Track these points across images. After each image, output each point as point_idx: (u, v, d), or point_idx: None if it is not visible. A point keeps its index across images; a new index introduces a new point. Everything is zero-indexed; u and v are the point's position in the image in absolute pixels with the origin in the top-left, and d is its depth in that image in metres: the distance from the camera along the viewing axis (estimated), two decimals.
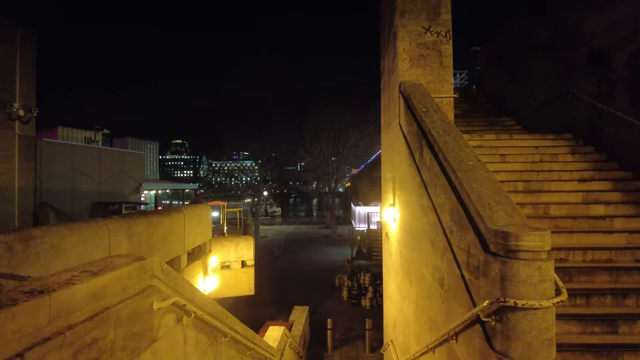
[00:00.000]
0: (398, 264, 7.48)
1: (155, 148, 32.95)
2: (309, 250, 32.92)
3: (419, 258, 5.50)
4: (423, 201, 5.18)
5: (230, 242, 11.22)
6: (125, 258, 2.53)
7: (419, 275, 5.45)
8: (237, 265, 11.19)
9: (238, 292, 11.29)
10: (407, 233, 6.40)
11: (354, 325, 16.00)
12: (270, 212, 65.38)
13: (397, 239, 7.41)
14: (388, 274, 9.10)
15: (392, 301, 8.51)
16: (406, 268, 6.54)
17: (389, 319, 8.91)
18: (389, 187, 8.60)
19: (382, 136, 9.95)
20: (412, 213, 5.99)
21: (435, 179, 4.59)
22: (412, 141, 6.02)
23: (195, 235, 6.81)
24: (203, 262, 7.31)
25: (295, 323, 12.45)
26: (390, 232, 8.36)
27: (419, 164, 5.47)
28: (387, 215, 8.24)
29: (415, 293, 5.78)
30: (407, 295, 6.52)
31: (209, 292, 7.62)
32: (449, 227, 4.02)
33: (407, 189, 6.41)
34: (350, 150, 40.59)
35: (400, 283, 7.26)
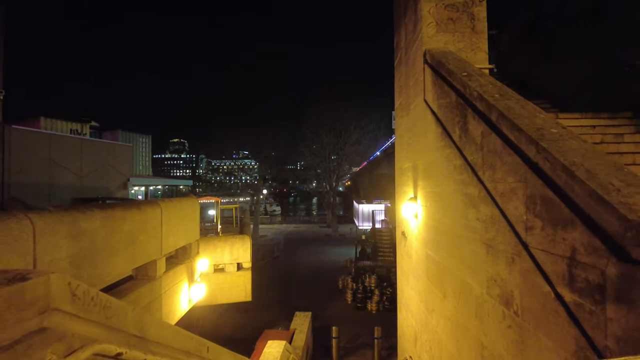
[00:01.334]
0: (421, 269, 6.26)
1: (148, 142, 31.61)
2: (309, 250, 31.71)
3: (459, 264, 4.27)
4: (469, 190, 3.96)
5: (225, 242, 10.02)
6: None
7: (461, 286, 4.23)
8: (232, 268, 10.01)
9: (233, 299, 10.11)
10: (438, 232, 5.18)
11: (360, 332, 14.78)
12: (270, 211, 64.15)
13: (421, 239, 6.19)
14: (405, 279, 7.88)
15: (411, 311, 7.29)
16: (436, 275, 5.32)
17: (407, 331, 7.69)
18: (408, 178, 7.38)
19: (398, 121, 8.72)
20: (447, 206, 4.77)
21: (493, 158, 3.37)
22: (446, 117, 4.79)
23: (177, 234, 5.62)
24: (188, 266, 6.10)
25: (297, 332, 11.24)
26: (410, 230, 7.14)
27: (460, 143, 4.25)
28: (406, 211, 7.02)
29: (452, 308, 4.56)
30: (436, 308, 5.30)
31: (195, 302, 6.42)
32: (523, 223, 2.79)
33: (437, 177, 5.19)
34: (352, 147, 39.33)
35: (425, 292, 6.04)
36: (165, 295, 4.98)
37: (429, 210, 5.71)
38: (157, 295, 4.79)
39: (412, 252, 7.11)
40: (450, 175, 4.59)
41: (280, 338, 10.67)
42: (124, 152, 16.73)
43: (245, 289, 10.10)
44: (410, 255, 7.27)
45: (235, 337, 14.50)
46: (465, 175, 4.09)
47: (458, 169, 4.32)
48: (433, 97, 5.46)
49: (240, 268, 10.30)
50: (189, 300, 6.10)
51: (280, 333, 10.98)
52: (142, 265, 4.67)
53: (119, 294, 4.21)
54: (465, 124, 4.09)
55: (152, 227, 4.85)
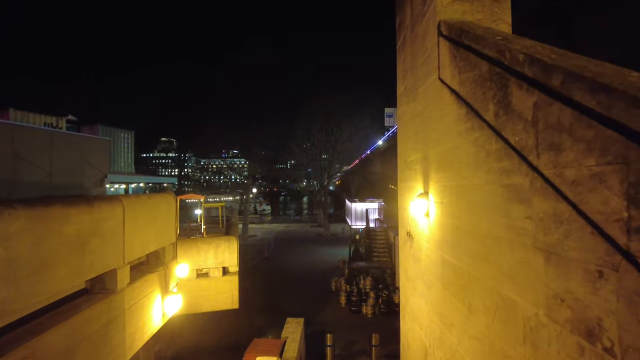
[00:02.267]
0: (434, 275, 5.42)
1: (130, 138, 30.26)
2: (300, 250, 30.83)
3: (494, 274, 3.42)
4: (512, 180, 3.11)
5: (209, 244, 9.07)
6: None
7: (497, 301, 3.38)
8: (217, 273, 9.08)
9: (218, 306, 9.18)
10: (460, 233, 4.32)
11: (356, 338, 13.95)
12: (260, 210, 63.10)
13: (435, 241, 5.34)
14: (411, 285, 7.04)
15: (418, 322, 6.45)
16: (456, 284, 4.47)
17: (413, 343, 6.85)
18: (415, 172, 6.53)
19: (401, 110, 7.86)
20: (474, 202, 3.92)
21: (555, 135, 2.52)
22: (473, 93, 3.94)
23: (146, 237, 4.68)
24: (162, 274, 5.16)
25: (289, 340, 10.33)
26: (418, 231, 6.29)
27: (497, 122, 3.39)
28: (415, 209, 6.17)
29: (482, 326, 3.71)
30: (457, 323, 4.45)
31: (172, 315, 5.48)
32: (623, 222, 1.94)
33: (460, 168, 4.33)
34: (343, 144, 38.52)
35: (439, 302, 5.19)
36: (130, 312, 4.06)
37: (446, 207, 4.85)
38: (117, 313, 3.86)
39: (420, 255, 6.26)
40: (481, 164, 3.73)
41: (270, 349, 9.76)
42: (101, 146, 15.52)
43: (231, 295, 9.17)
44: (418, 258, 6.42)
45: (222, 344, 13.55)
46: (505, 162, 3.23)
47: (493, 155, 3.46)
48: (452, 73, 4.61)
49: (227, 272, 9.37)
50: (163, 314, 5.17)
51: (270, 343, 10.07)
52: (97, 276, 3.73)
53: (60, 315, 3.26)
54: (505, 97, 3.24)
55: (109, 229, 3.89)
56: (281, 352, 9.74)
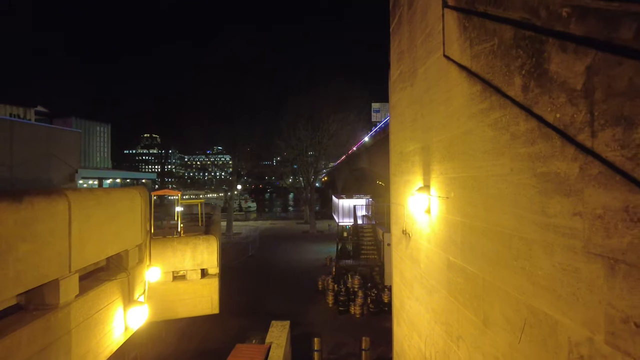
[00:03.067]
0: (437, 279, 4.81)
1: (107, 132, 28.88)
2: (286, 247, 30.13)
3: (524, 283, 2.81)
4: (549, 166, 2.49)
5: (186, 244, 8.30)
6: None
7: (526, 317, 2.77)
8: (195, 276, 8.32)
9: (197, 312, 8.44)
10: (472, 232, 3.71)
11: (344, 340, 13.36)
12: (245, 207, 62.10)
13: (438, 241, 4.72)
14: (407, 288, 6.43)
15: (416, 330, 5.85)
16: (466, 292, 3.85)
17: (410, 353, 6.25)
18: (413, 164, 5.91)
19: (395, 97, 7.23)
20: (493, 196, 3.30)
21: (624, 104, 1.90)
22: (492, 66, 3.32)
23: (102, 238, 3.93)
24: (124, 282, 4.42)
25: (274, 346, 9.65)
26: (417, 229, 5.68)
27: (526, 97, 2.77)
28: (414, 205, 5.55)
29: (504, 345, 3.10)
30: (467, 337, 3.84)
31: (137, 328, 4.74)
32: None
33: (473, 155, 3.71)
34: (330, 140, 37.83)
35: (444, 310, 4.58)
36: (79, 330, 3.33)
37: (453, 203, 4.23)
38: (61, 333, 3.13)
39: (419, 256, 5.65)
40: (504, 150, 3.11)
41: (253, 356, 9.08)
42: (71, 139, 14.40)
43: (211, 299, 8.44)
44: (416, 259, 5.81)
45: (204, 349, 12.78)
46: (540, 145, 2.60)
47: (522, 137, 2.83)
48: (461, 47, 3.97)
49: (206, 275, 8.62)
50: (126, 328, 4.43)
51: (254, 349, 9.38)
52: (30, 290, 2.99)
53: None
54: (539, 66, 2.61)
55: (47, 231, 3.14)
56: (265, 358, 9.06)
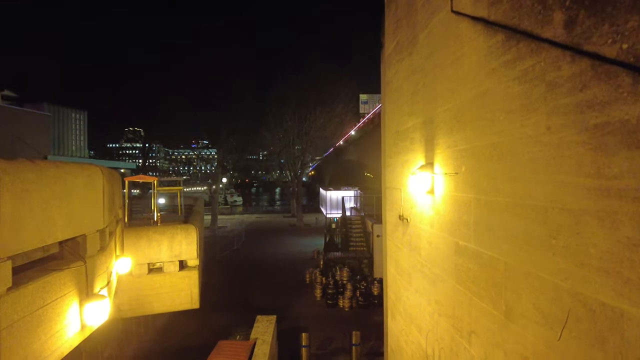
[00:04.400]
0: (442, 267, 4.26)
1: (83, 119, 27.52)
2: (273, 241, 29.47)
3: (567, 265, 2.26)
4: (609, 115, 1.94)
5: (162, 234, 7.61)
6: None
7: (571, 307, 2.23)
8: (172, 268, 7.65)
9: (175, 306, 7.78)
10: (495, 210, 3.15)
11: (333, 334, 12.84)
12: (231, 201, 61.04)
13: (445, 224, 4.17)
14: (404, 278, 5.89)
15: (415, 323, 5.32)
16: (482, 279, 3.31)
17: (408, 348, 5.72)
18: (413, 141, 5.34)
19: (391, 71, 6.64)
20: (523, 163, 2.75)
21: None
22: (517, 8, 2.75)
23: (48, 220, 3.25)
24: (80, 272, 3.74)
25: (259, 343, 9.04)
26: (417, 212, 5.12)
27: (572, 35, 2.21)
28: (414, 186, 4.99)
29: (536, 342, 2.56)
30: (483, 332, 3.30)
31: (97, 326, 4.07)
32: None
33: (492, 119, 3.15)
34: (317, 131, 37.14)
35: (450, 302, 4.04)
36: (12, 331, 2.65)
37: (464, 178, 3.67)
38: None
39: (419, 243, 5.10)
40: (536, 105, 2.54)
41: (237, 353, 8.48)
42: (40, 122, 13.27)
43: (190, 293, 7.77)
44: (415, 246, 5.26)
45: (186, 345, 12.13)
46: (595, 90, 2.04)
47: (566, 85, 2.27)
48: None
49: (185, 267, 7.96)
50: (82, 327, 3.76)
51: (237, 346, 8.76)
52: None
53: None
54: None
55: None
56: (250, 355, 8.46)
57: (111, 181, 5.19)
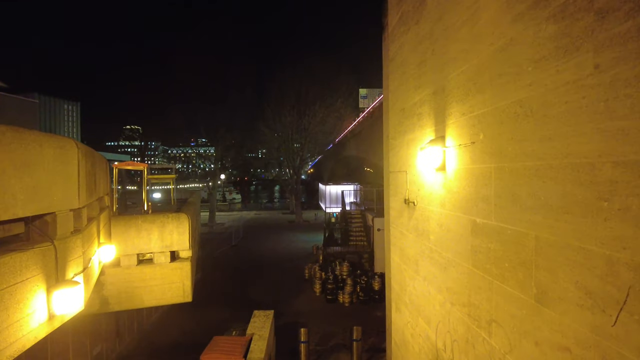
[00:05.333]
0: (456, 250, 3.83)
1: (76, 111, 27.05)
2: (271, 237, 29.05)
3: (630, 231, 1.82)
4: None
5: (152, 223, 7.17)
6: None
7: (632, 283, 1.78)
8: (163, 259, 7.21)
9: (166, 299, 7.35)
10: (519, 177, 2.72)
11: (333, 330, 12.43)
12: (229, 199, 60.51)
13: (460, 201, 3.74)
14: (411, 267, 5.46)
15: (424, 316, 4.89)
16: (508, 259, 2.88)
17: (415, 344, 5.30)
18: (421, 116, 4.91)
19: (396, 44, 6.19)
20: (558, 116, 2.31)
21: None
22: None
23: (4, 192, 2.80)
24: (47, 255, 3.29)
25: (256, 338, 8.64)
26: (426, 193, 4.68)
27: None
28: (423, 164, 4.56)
29: (581, 328, 2.14)
30: (508, 321, 2.88)
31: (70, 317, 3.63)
32: None
33: (519, 72, 2.71)
34: (316, 126, 36.64)
35: (468, 289, 3.61)
36: None
37: (482, 146, 3.24)
38: None
39: (427, 227, 4.66)
40: (579, 42, 2.11)
41: (232, 349, 8.06)
42: (25, 108, 12.67)
43: (182, 285, 7.34)
44: (423, 231, 4.83)
45: (180, 342, 11.71)
46: None
47: (621, 10, 1.84)
48: None
49: (176, 258, 7.52)
50: (50, 316, 3.32)
51: (233, 341, 8.34)
52: None
53: None
54: None
55: None
56: (246, 352, 8.05)
57: (91, 160, 4.75)
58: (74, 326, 8.56)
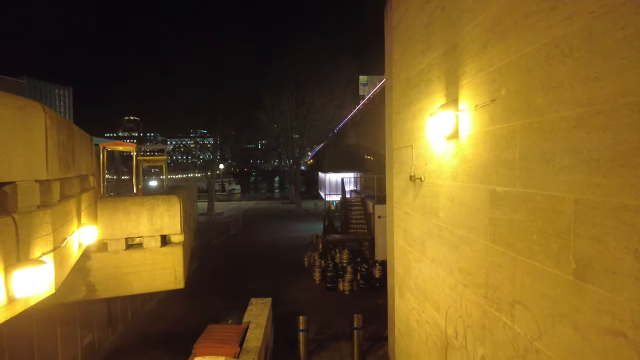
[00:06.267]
0: (470, 226, 3.42)
1: (67, 96, 26.51)
2: (270, 226, 28.69)
3: None
4: None
5: (141, 205, 6.74)
6: None
7: None
8: (153, 243, 6.80)
9: (156, 286, 6.97)
10: (551, 131, 2.28)
11: (332, 318, 12.08)
12: (229, 189, 60.15)
13: (472, 170, 3.31)
14: (416, 248, 5.05)
15: (432, 301, 4.50)
16: (532, 230, 2.46)
17: (421, 331, 4.92)
18: (429, 82, 4.46)
19: (402, 8, 5.71)
20: (609, 45, 1.85)
21: None
22: None
23: None
24: (6, 230, 2.88)
25: (252, 326, 8.29)
26: (434, 166, 4.26)
27: None
28: (433, 132, 4.13)
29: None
30: (535, 302, 2.48)
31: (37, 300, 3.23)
32: None
33: (556, 9, 2.26)
34: (316, 114, 36.07)
35: (485, 268, 3.21)
36: None
37: (503, 104, 2.80)
38: None
39: (437, 203, 4.24)
40: None
41: (227, 337, 7.72)
42: (8, 89, 12.22)
43: (174, 271, 6.95)
44: (431, 209, 4.41)
45: (174, 331, 11.36)
46: None
47: None
48: None
49: (168, 243, 7.13)
50: (10, 299, 2.90)
51: (228, 329, 8.00)
52: None
53: None
54: None
55: None
56: (242, 340, 7.70)
57: (67, 132, 4.31)
58: (62, 314, 8.20)
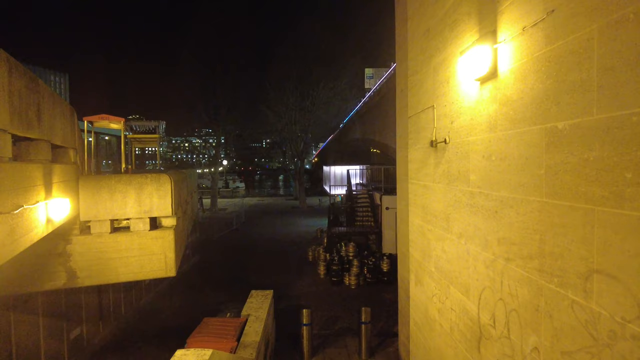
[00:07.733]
0: (516, 182, 2.71)
1: (64, 83, 25.97)
2: (274, 221, 28.06)
3: None
4: None
5: (128, 184, 6.07)
6: None
7: None
8: (141, 226, 6.14)
9: (145, 273, 6.31)
10: None
11: (339, 313, 11.41)
12: (233, 187, 59.77)
13: (521, 111, 2.61)
14: (437, 225, 4.34)
15: (459, 285, 3.80)
16: (617, 171, 1.73)
17: (444, 321, 4.22)
18: (456, 22, 3.75)
19: None
20: None
21: None
22: None
23: None
24: None
25: (252, 319, 7.63)
26: (464, 122, 3.55)
27: None
28: (464, 75, 3.42)
29: None
30: (629, 272, 1.75)
31: None
32: None
33: None
34: (320, 107, 35.36)
35: (532, 234, 2.50)
36: None
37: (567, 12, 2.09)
38: None
39: (467, 165, 3.54)
40: None
41: (224, 331, 7.06)
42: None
43: (165, 258, 6.29)
44: (459, 173, 3.70)
45: (170, 325, 10.76)
46: None
47: None
48: None
49: (158, 226, 6.47)
50: None
51: (224, 323, 7.33)
52: None
53: None
54: None
55: None
56: (240, 334, 7.04)
57: (24, 80, 3.65)
58: (44, 304, 7.58)
